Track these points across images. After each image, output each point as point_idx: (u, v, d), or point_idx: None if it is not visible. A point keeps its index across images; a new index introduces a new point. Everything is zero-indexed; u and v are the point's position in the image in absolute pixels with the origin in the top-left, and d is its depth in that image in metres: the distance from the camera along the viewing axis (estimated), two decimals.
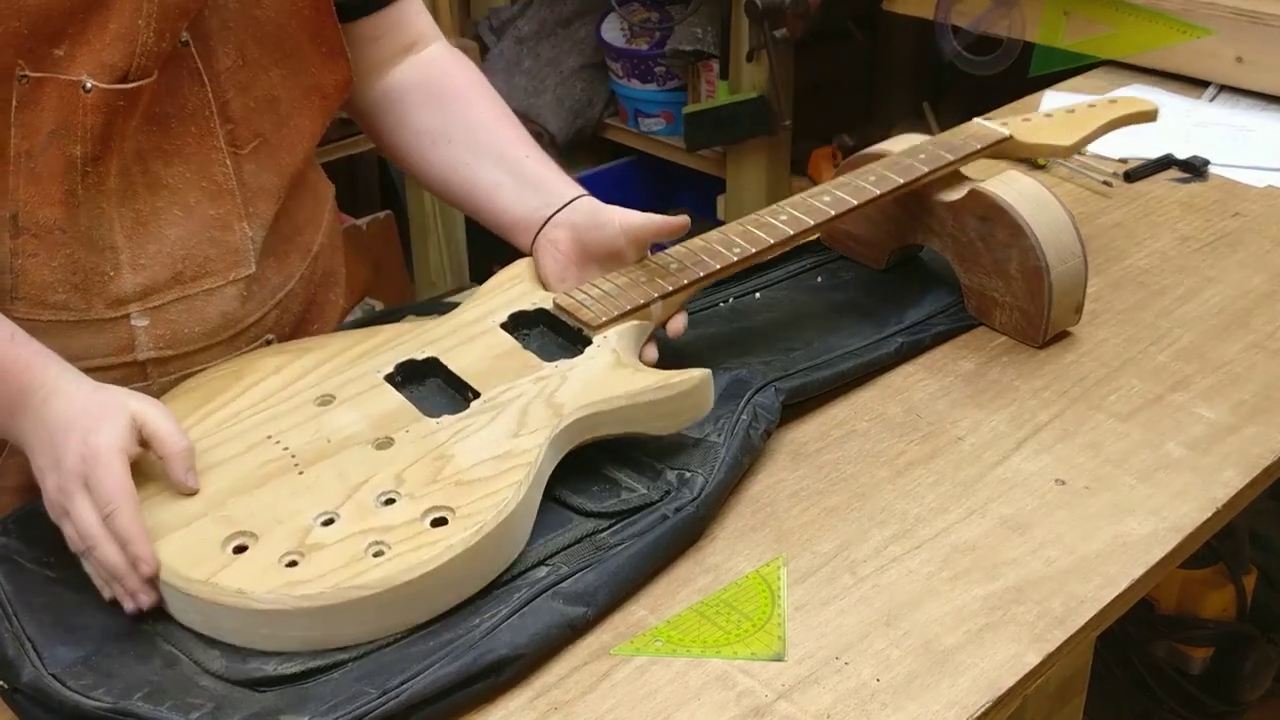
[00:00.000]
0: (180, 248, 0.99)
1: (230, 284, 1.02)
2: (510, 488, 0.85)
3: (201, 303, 1.01)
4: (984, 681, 0.81)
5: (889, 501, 0.97)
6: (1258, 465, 1.00)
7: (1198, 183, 1.46)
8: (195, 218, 0.99)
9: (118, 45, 0.90)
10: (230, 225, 1.01)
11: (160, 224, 0.98)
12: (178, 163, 0.97)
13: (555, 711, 0.79)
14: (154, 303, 0.99)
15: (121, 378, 0.98)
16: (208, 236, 1.00)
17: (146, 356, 1.00)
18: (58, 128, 0.91)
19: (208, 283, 1.01)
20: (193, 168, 0.98)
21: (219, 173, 0.99)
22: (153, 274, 0.98)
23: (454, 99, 1.14)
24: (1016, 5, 1.86)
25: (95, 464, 0.82)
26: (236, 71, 0.98)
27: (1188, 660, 1.69)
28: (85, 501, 0.82)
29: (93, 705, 0.76)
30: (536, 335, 1.02)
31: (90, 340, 0.98)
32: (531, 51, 2.92)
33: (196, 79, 0.96)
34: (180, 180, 0.98)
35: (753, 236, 1.07)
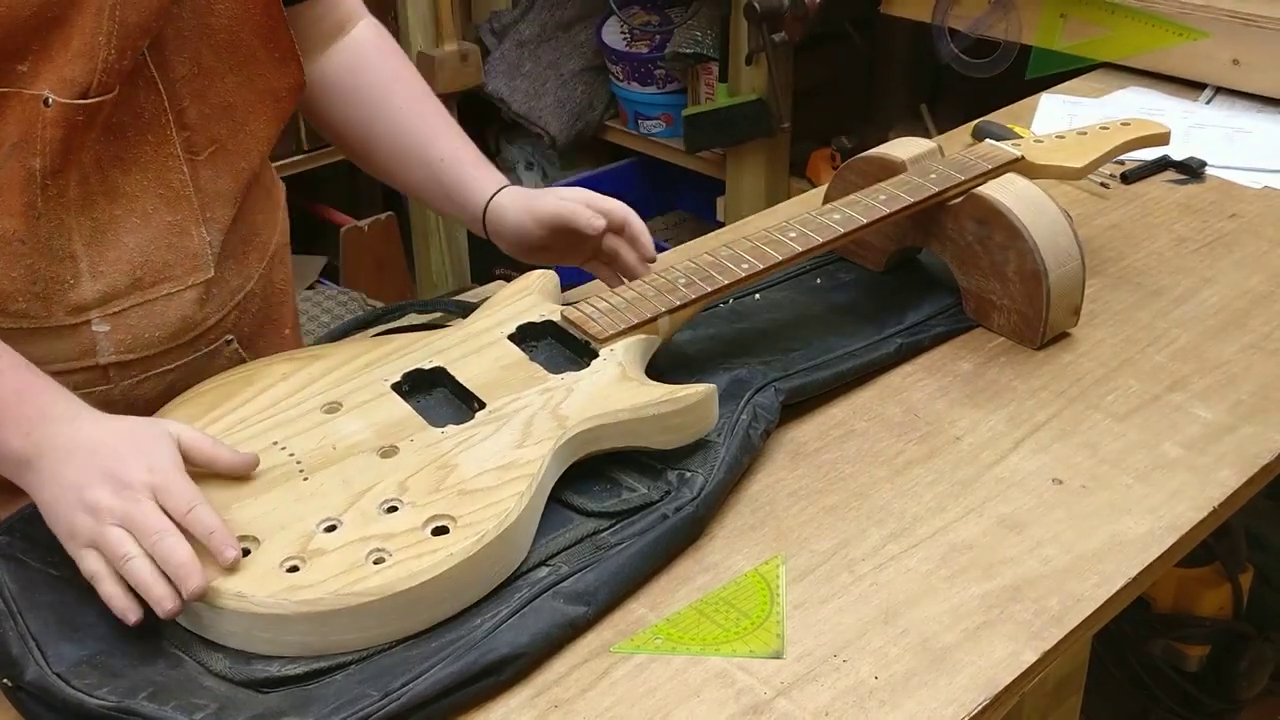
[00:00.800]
0: (139, 254, 0.99)
1: (189, 288, 1.03)
2: (513, 498, 0.85)
3: (161, 307, 1.02)
4: (981, 679, 0.81)
5: (887, 501, 0.97)
6: (1254, 465, 1.01)
7: (1195, 184, 1.47)
8: (153, 224, 1.00)
9: (79, 62, 0.90)
10: (188, 231, 1.02)
11: (119, 231, 0.98)
12: (135, 171, 0.98)
13: (555, 709, 0.80)
14: (114, 308, 1.00)
15: (84, 381, 1.00)
16: (166, 242, 1.01)
17: (108, 360, 1.01)
18: (19, 141, 0.91)
19: (167, 287, 1.02)
20: (150, 175, 0.99)
21: (176, 179, 1.00)
22: (112, 280, 0.99)
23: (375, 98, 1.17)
24: (1014, 8, 1.87)
25: (167, 474, 0.83)
26: (192, 79, 0.99)
27: (1184, 658, 1.69)
28: (152, 504, 0.82)
29: (96, 704, 0.77)
30: (544, 347, 1.03)
31: (50, 346, 0.99)
32: (532, 54, 2.93)
33: (152, 88, 0.96)
34: (138, 188, 0.98)
35: (761, 253, 1.07)
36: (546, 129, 2.87)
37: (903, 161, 1.19)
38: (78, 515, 0.83)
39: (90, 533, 0.82)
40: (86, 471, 0.83)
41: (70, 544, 0.83)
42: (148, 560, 0.81)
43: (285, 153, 2.61)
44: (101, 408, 0.91)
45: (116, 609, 0.81)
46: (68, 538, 0.83)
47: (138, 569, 0.81)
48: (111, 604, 0.81)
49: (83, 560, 0.82)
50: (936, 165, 1.18)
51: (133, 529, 0.81)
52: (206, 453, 0.87)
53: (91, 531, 0.82)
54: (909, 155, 1.20)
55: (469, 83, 2.82)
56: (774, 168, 2.57)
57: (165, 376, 1.04)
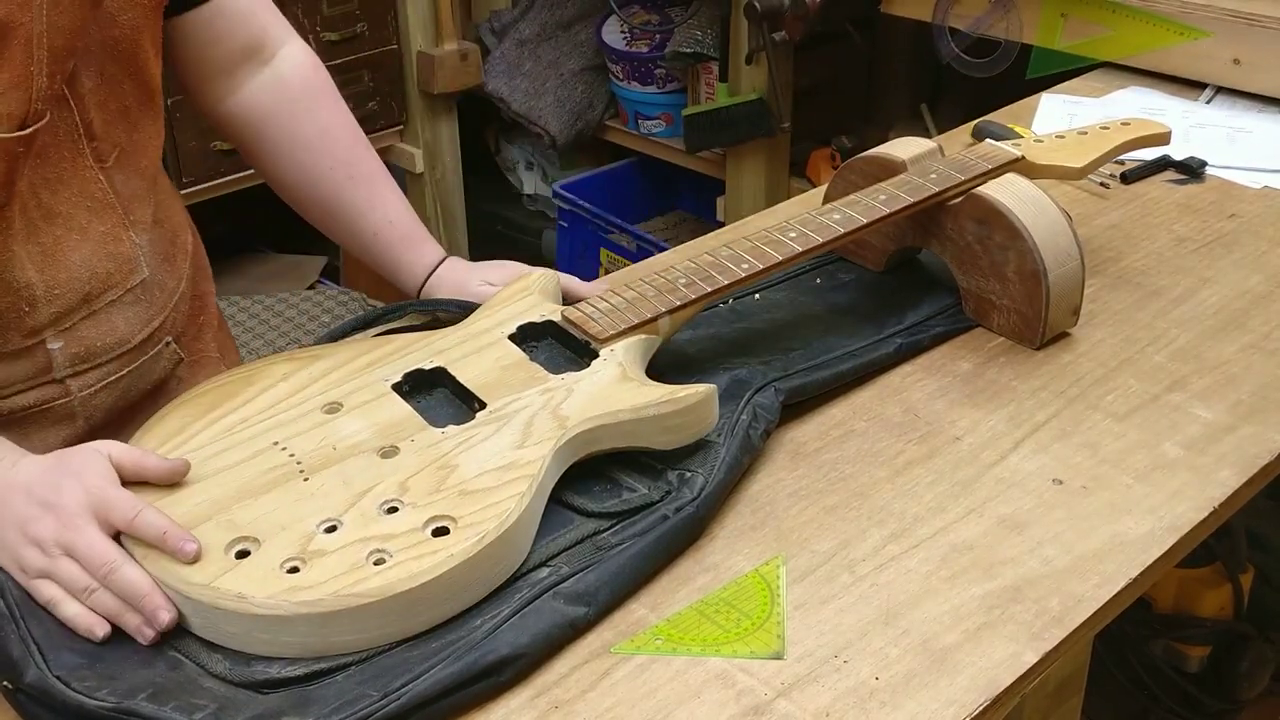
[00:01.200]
0: (85, 269, 1.00)
1: (128, 291, 1.04)
2: (513, 499, 0.85)
3: (106, 315, 1.03)
4: (982, 680, 0.81)
5: (887, 501, 0.97)
6: (1254, 465, 1.01)
7: (1194, 184, 1.47)
8: (90, 237, 1.00)
9: (13, 94, 0.90)
10: (119, 237, 1.03)
11: (63, 251, 0.99)
12: (62, 189, 0.98)
13: (555, 710, 0.80)
14: (65, 324, 1.01)
15: (44, 397, 1.01)
16: (105, 252, 1.01)
17: (64, 374, 1.02)
18: None
19: (110, 295, 1.03)
20: (74, 190, 0.99)
21: (96, 189, 1.00)
22: (65, 301, 1.00)
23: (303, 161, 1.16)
24: (1014, 7, 1.87)
25: (103, 491, 0.83)
26: (97, 90, 0.99)
27: (1185, 659, 1.70)
28: (97, 530, 0.83)
29: (95, 705, 0.77)
30: (544, 347, 1.03)
31: (9, 370, 0.99)
32: (532, 54, 2.93)
33: (64, 104, 0.96)
34: (69, 205, 0.99)
35: (761, 253, 1.07)
36: (546, 128, 2.87)
37: (903, 161, 1.19)
38: (23, 551, 0.83)
39: (40, 565, 0.83)
40: (26, 507, 0.84)
41: (21, 577, 0.84)
42: (108, 591, 0.82)
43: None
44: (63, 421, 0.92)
45: (82, 628, 0.82)
46: (18, 571, 0.84)
47: (103, 600, 0.82)
48: (76, 625, 0.82)
49: (38, 591, 0.83)
50: (937, 165, 1.18)
51: (80, 561, 0.82)
52: (136, 463, 0.86)
53: (41, 564, 0.83)
54: (909, 155, 1.20)
55: (469, 82, 2.82)
56: (774, 167, 2.57)
57: (119, 383, 1.05)
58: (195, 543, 0.82)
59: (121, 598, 0.82)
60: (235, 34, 1.13)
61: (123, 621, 0.82)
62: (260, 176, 1.21)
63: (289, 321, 2.48)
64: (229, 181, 2.50)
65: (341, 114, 1.18)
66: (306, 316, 2.50)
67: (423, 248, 1.19)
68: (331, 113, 1.17)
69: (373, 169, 1.18)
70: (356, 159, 1.17)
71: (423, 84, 2.79)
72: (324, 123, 1.17)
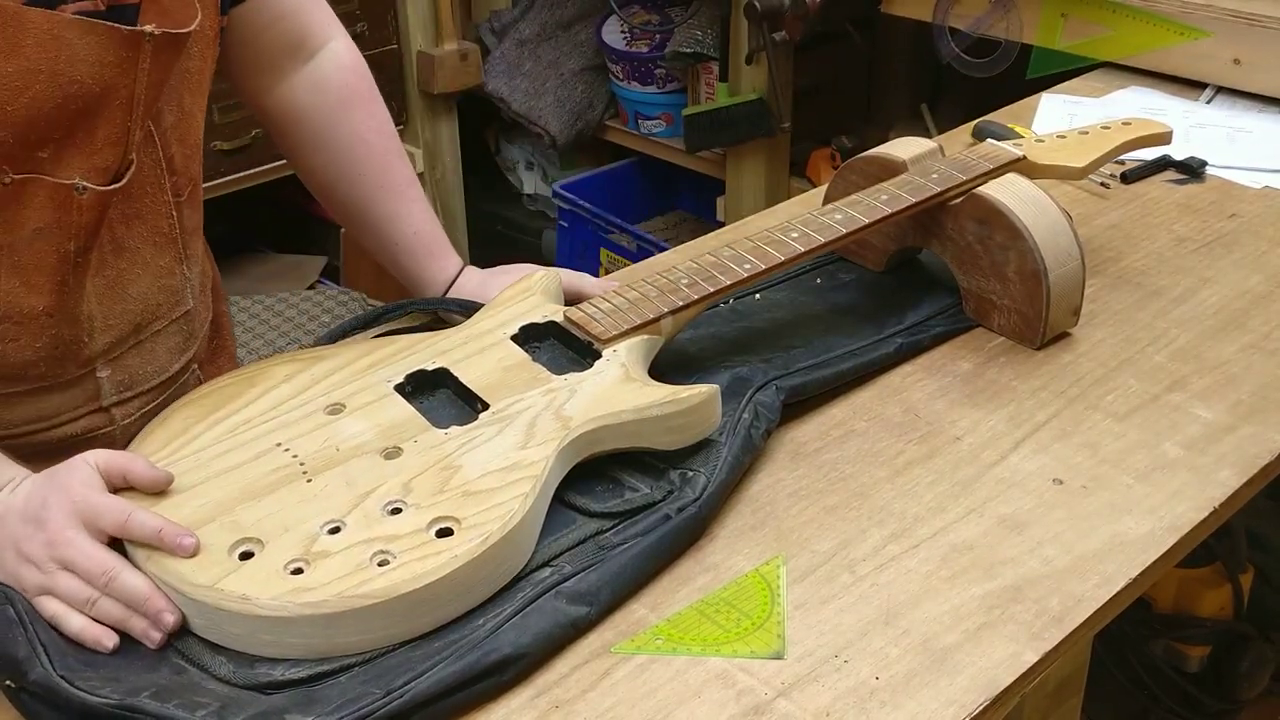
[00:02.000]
0: (140, 302, 1.01)
1: (173, 322, 1.06)
2: (517, 499, 0.86)
3: (151, 345, 1.04)
4: (982, 680, 0.82)
5: (888, 501, 0.97)
6: (1254, 465, 1.01)
7: (1195, 184, 1.47)
8: (150, 270, 1.02)
9: (109, 150, 0.91)
10: (173, 270, 1.04)
11: (125, 283, 1.00)
12: (137, 224, 0.99)
13: (556, 710, 0.80)
14: (115, 354, 1.02)
15: (90, 425, 1.02)
16: (159, 285, 1.03)
17: (110, 402, 1.03)
18: (46, 226, 0.91)
19: (156, 325, 1.04)
20: (147, 225, 1.00)
21: (165, 224, 1.01)
22: (119, 331, 1.01)
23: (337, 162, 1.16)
24: (1014, 7, 1.87)
25: (90, 499, 0.83)
26: (177, 125, 1.00)
27: (1185, 659, 1.70)
28: (89, 540, 0.83)
29: (99, 702, 0.77)
30: (547, 348, 1.03)
31: (61, 399, 1.00)
32: (532, 54, 2.93)
33: (150, 142, 0.97)
34: (138, 239, 1.00)
35: (763, 253, 1.07)
36: (546, 128, 2.88)
37: (903, 161, 1.19)
38: (21, 570, 0.83)
39: (39, 582, 0.83)
40: (19, 527, 0.84)
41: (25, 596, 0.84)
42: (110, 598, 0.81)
43: None
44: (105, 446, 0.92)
45: (90, 641, 0.82)
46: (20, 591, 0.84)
47: (107, 610, 0.82)
48: (84, 639, 0.82)
49: (40, 606, 0.83)
50: (938, 165, 1.18)
51: (78, 573, 0.82)
52: (122, 468, 0.86)
53: (40, 581, 0.83)
54: (909, 155, 1.20)
55: (469, 82, 2.82)
56: (774, 167, 2.57)
57: (154, 412, 1.05)
58: (192, 537, 0.82)
59: (124, 603, 0.82)
60: (280, 26, 1.13)
61: (129, 627, 0.82)
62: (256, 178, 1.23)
63: (289, 321, 2.48)
64: (229, 181, 2.50)
65: (377, 119, 1.18)
66: (306, 316, 2.50)
67: (445, 259, 1.19)
68: (366, 118, 1.17)
69: (402, 179, 1.18)
70: (387, 167, 1.17)
71: (423, 84, 2.79)
72: (358, 128, 1.17)
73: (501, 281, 1.13)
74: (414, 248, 1.18)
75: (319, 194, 1.20)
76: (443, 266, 1.19)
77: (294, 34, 1.14)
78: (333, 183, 1.18)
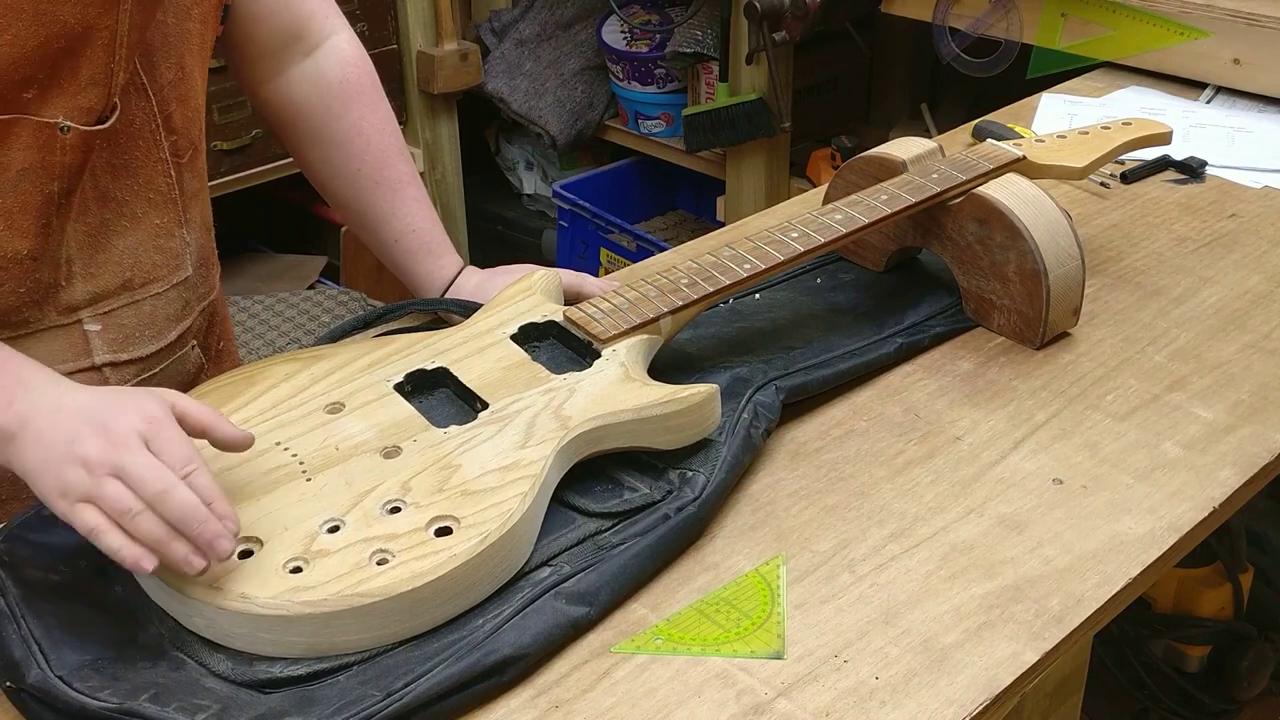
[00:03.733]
0: (128, 256, 1.01)
1: (171, 287, 1.05)
2: (516, 498, 0.86)
3: (149, 307, 1.03)
4: (982, 679, 0.82)
5: (887, 501, 0.97)
6: (1254, 465, 1.01)
7: (1195, 184, 1.47)
8: (142, 227, 1.01)
9: (93, 89, 0.91)
10: (171, 232, 1.03)
11: (109, 235, 1.00)
12: (125, 176, 0.99)
13: (556, 709, 0.80)
14: (104, 308, 1.01)
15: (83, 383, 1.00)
16: (153, 244, 1.02)
17: (103, 360, 1.02)
18: (30, 166, 0.91)
19: (154, 288, 1.03)
20: (140, 180, 1.00)
21: (163, 183, 1.01)
22: (103, 282, 1.00)
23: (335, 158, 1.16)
24: (1014, 7, 1.87)
25: (161, 426, 0.78)
26: (177, 84, 1.00)
27: (1185, 659, 1.70)
28: (146, 454, 0.77)
29: (98, 705, 0.77)
30: (546, 347, 1.03)
31: (47, 348, 0.99)
32: (532, 54, 2.93)
33: (143, 95, 0.97)
34: (128, 193, 0.99)
35: (763, 253, 1.07)
36: (546, 128, 2.88)
37: (903, 161, 1.19)
38: (68, 470, 0.77)
39: (84, 487, 0.76)
40: (76, 427, 0.78)
41: (61, 503, 0.78)
42: (154, 515, 0.76)
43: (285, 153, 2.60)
44: None
45: (128, 559, 0.76)
46: (58, 496, 0.77)
47: (148, 525, 0.76)
48: (121, 555, 0.76)
49: (78, 516, 0.76)
50: (938, 165, 1.18)
51: (130, 482, 0.76)
52: (204, 419, 0.81)
53: (85, 485, 0.76)
54: (909, 155, 1.20)
55: (469, 82, 2.82)
56: (774, 167, 2.57)
57: (152, 380, 1.05)
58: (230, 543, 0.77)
59: (173, 523, 0.76)
60: (279, 14, 1.13)
61: (168, 550, 0.76)
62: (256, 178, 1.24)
63: (289, 321, 2.48)
64: (229, 181, 2.50)
65: (377, 115, 1.18)
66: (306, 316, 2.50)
67: (443, 258, 1.19)
68: (366, 114, 1.17)
69: (400, 175, 1.18)
70: (385, 164, 1.17)
71: (423, 84, 2.79)
72: (356, 124, 1.17)
73: (501, 282, 1.13)
74: (412, 246, 1.18)
75: (319, 189, 1.21)
76: (441, 265, 1.19)
77: (292, 26, 1.15)
78: (330, 178, 1.18)
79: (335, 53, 1.17)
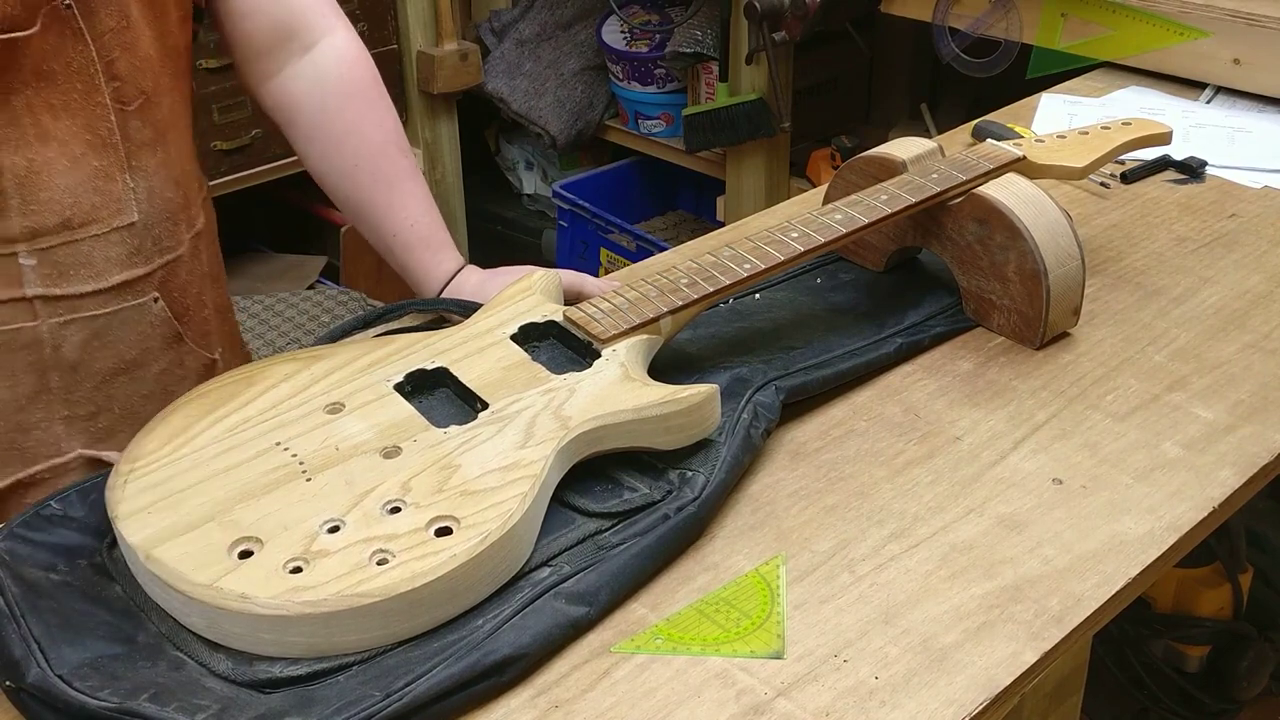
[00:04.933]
0: (68, 195, 1.02)
1: (114, 231, 1.06)
2: (516, 499, 0.86)
3: (88, 248, 1.04)
4: (982, 679, 0.82)
5: (887, 501, 0.97)
6: (1254, 465, 1.01)
7: (1195, 184, 1.47)
8: (81, 168, 1.03)
9: None
10: (113, 176, 1.05)
11: (50, 173, 1.01)
12: (65, 117, 1.01)
13: (556, 709, 0.80)
14: (41, 244, 1.02)
15: (9, 316, 1.02)
16: (93, 186, 1.04)
17: (34, 293, 1.03)
18: None
19: (93, 229, 1.04)
20: (79, 122, 1.02)
21: (103, 127, 1.03)
22: (40, 219, 1.02)
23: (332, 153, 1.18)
24: (1014, 7, 1.87)
25: None
26: (121, 33, 1.02)
27: (1184, 659, 1.70)
28: None
29: (98, 705, 0.77)
30: (546, 347, 1.03)
31: None
32: (532, 54, 2.93)
33: (80, 39, 0.99)
34: (68, 133, 1.01)
35: (764, 253, 1.07)
36: (546, 128, 2.88)
37: (903, 161, 1.19)
38: None
39: None
40: None
41: None
42: None
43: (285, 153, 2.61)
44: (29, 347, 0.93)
45: None
46: None
47: None
48: None
49: None
50: (938, 165, 1.18)
51: None
52: None
53: None
54: (909, 155, 1.20)
55: (469, 82, 2.82)
56: (774, 167, 2.57)
57: (92, 322, 1.06)
58: None
59: None
60: (267, 11, 1.14)
61: None
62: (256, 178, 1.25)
63: (289, 321, 2.49)
64: (228, 181, 2.50)
65: (376, 112, 1.19)
66: (306, 316, 2.50)
67: (442, 254, 1.19)
68: (364, 110, 1.18)
69: (400, 169, 1.19)
70: (383, 159, 1.18)
71: (422, 84, 2.80)
72: (354, 121, 1.18)
73: (502, 282, 1.13)
74: (409, 240, 1.18)
75: (321, 185, 1.21)
76: (439, 261, 1.19)
77: (284, 23, 1.16)
78: (330, 174, 1.19)
79: (333, 51, 1.17)
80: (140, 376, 1.09)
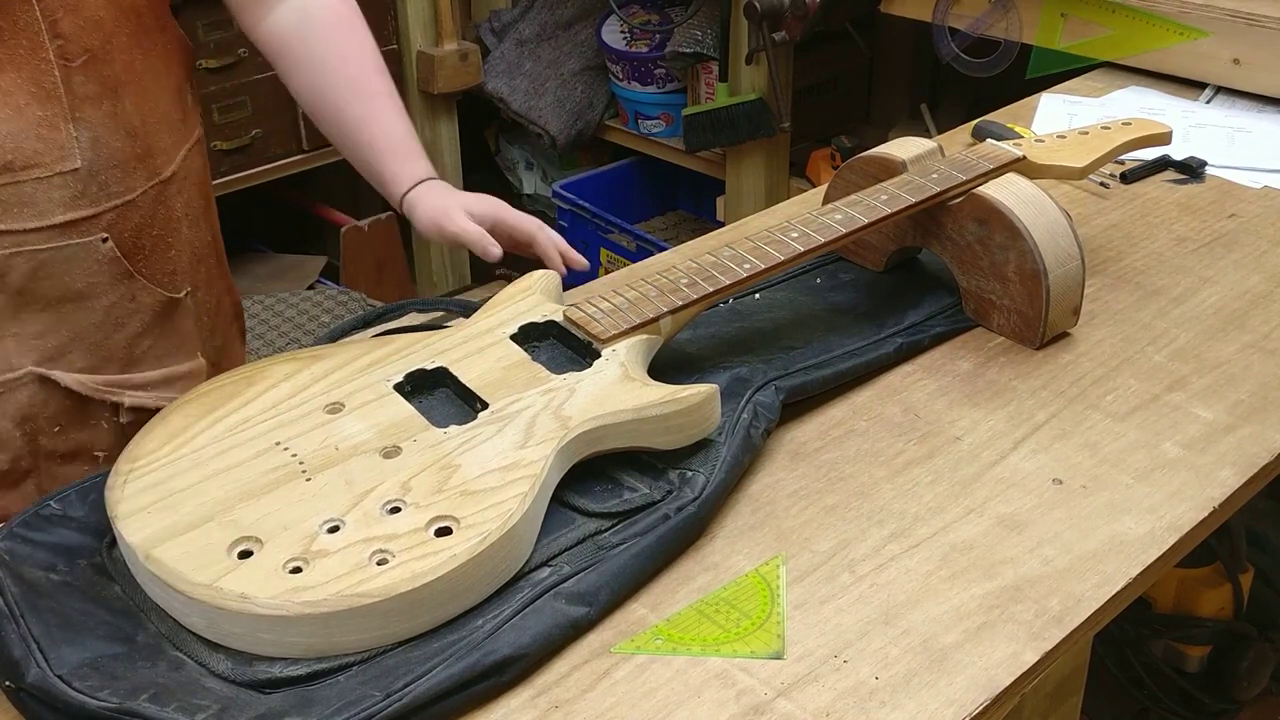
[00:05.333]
0: (11, 141, 1.07)
1: (57, 175, 1.09)
2: (515, 499, 0.86)
3: (30, 189, 1.09)
4: (982, 680, 0.82)
5: (887, 501, 0.97)
6: (1254, 465, 1.01)
7: (1194, 184, 1.47)
8: (25, 117, 1.07)
9: None
10: (56, 125, 1.09)
11: None
12: (10, 70, 1.06)
13: (556, 710, 0.80)
14: None
15: None
16: (35, 134, 1.08)
17: None
18: None
19: (36, 172, 1.08)
20: (24, 75, 1.06)
21: (47, 81, 1.07)
22: None
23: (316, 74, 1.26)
24: (1014, 7, 1.87)
25: None
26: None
27: (1185, 659, 1.70)
28: None
29: (98, 705, 0.77)
30: (546, 347, 1.03)
31: None
32: (532, 54, 2.93)
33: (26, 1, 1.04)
34: (12, 85, 1.06)
35: (763, 253, 1.07)
36: (546, 128, 2.88)
37: (903, 161, 1.19)
38: None
39: None
40: None
41: None
42: None
43: (285, 153, 2.62)
44: None
45: None
46: None
47: None
48: None
49: None
50: (938, 165, 1.18)
51: None
52: None
53: None
54: (909, 155, 1.20)
55: (469, 82, 2.82)
56: (774, 167, 2.57)
57: (36, 255, 1.09)
58: None
59: None
60: None
61: None
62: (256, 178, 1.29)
63: (289, 321, 2.49)
64: (228, 181, 2.50)
65: (359, 41, 1.28)
66: (306, 316, 2.50)
67: (411, 162, 1.26)
68: (346, 36, 1.27)
69: (379, 88, 1.27)
70: (364, 78, 1.26)
71: (422, 84, 2.80)
72: (338, 47, 1.26)
73: (465, 203, 1.21)
74: (381, 148, 1.25)
75: (308, 113, 1.29)
76: (407, 168, 1.25)
77: None
78: (312, 97, 1.27)
79: None
80: (89, 307, 1.13)
